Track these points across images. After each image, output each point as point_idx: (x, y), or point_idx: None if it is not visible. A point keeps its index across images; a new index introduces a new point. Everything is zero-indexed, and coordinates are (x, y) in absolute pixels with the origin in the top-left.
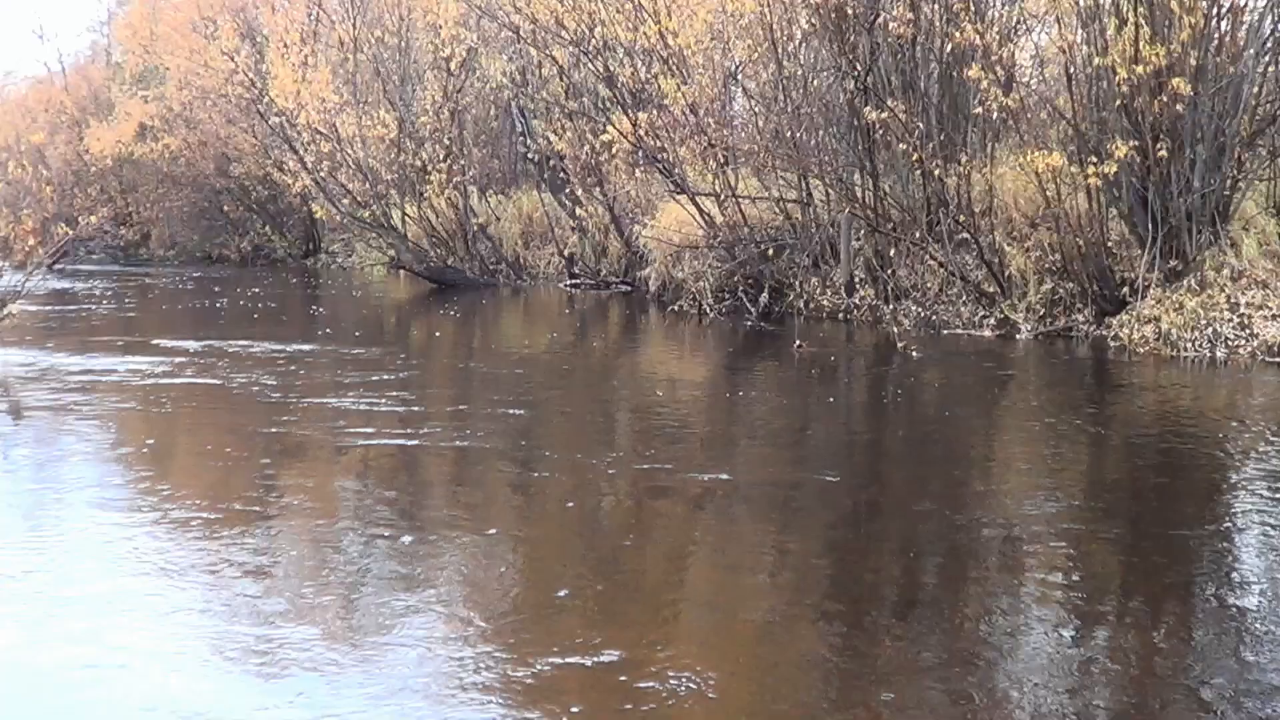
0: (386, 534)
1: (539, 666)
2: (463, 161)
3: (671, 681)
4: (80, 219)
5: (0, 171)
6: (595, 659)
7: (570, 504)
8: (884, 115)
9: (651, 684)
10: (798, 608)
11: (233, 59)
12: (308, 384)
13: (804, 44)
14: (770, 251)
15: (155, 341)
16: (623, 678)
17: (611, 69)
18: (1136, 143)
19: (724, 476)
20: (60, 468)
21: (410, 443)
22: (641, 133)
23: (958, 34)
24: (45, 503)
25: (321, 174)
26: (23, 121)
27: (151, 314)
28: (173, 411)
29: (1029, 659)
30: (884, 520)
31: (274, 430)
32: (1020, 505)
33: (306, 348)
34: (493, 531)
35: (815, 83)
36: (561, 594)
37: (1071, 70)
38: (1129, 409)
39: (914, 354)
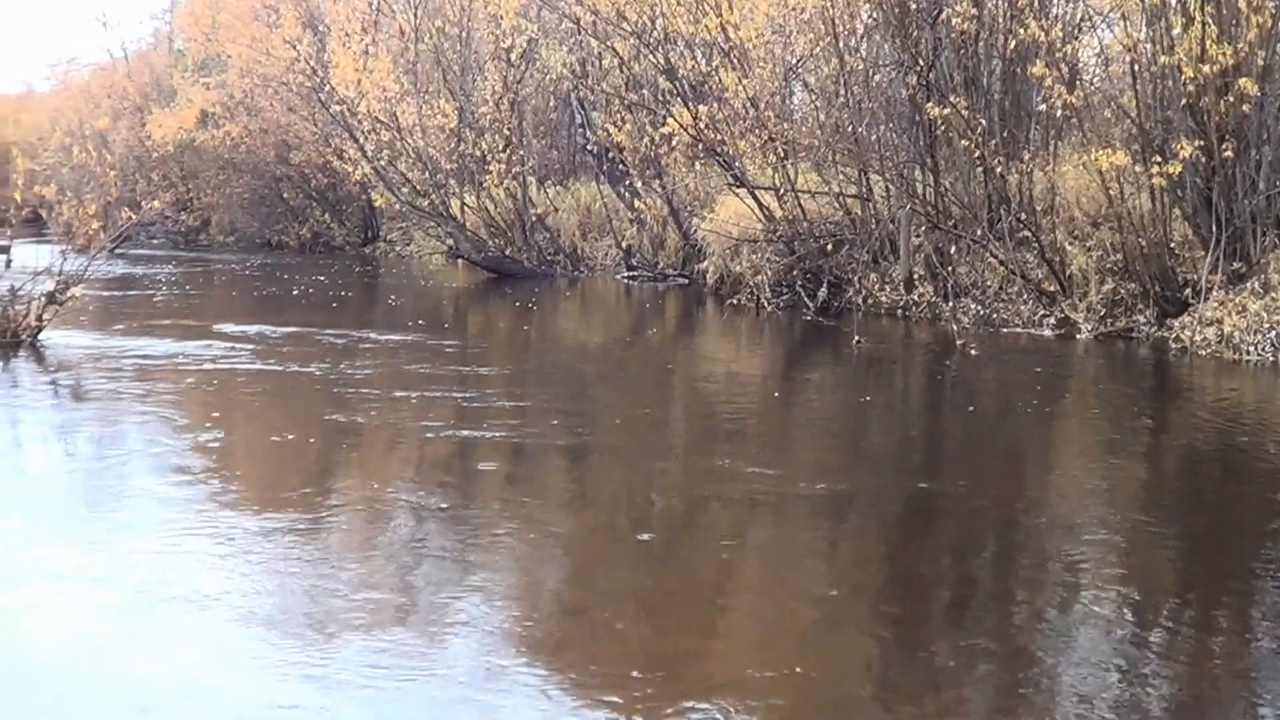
0: (443, 527)
1: (587, 663)
2: (522, 152)
3: (721, 679)
4: (143, 204)
5: (65, 156)
6: (643, 655)
7: (624, 500)
8: (946, 111)
9: (700, 682)
10: (852, 606)
11: (294, 47)
12: (373, 371)
13: (865, 38)
14: (829, 246)
15: (223, 327)
16: (672, 676)
17: (672, 61)
18: (1201, 143)
19: (780, 473)
20: (122, 452)
21: (467, 433)
22: (701, 125)
23: (1021, 30)
24: (106, 489)
25: (381, 162)
26: (86, 107)
27: (221, 299)
28: (239, 397)
29: (1084, 663)
30: (940, 520)
31: (336, 418)
32: (1077, 509)
33: (377, 336)
34: (546, 526)
35: (876, 78)
36: (611, 590)
37: (1136, 68)
38: (1189, 412)
39: (973, 352)
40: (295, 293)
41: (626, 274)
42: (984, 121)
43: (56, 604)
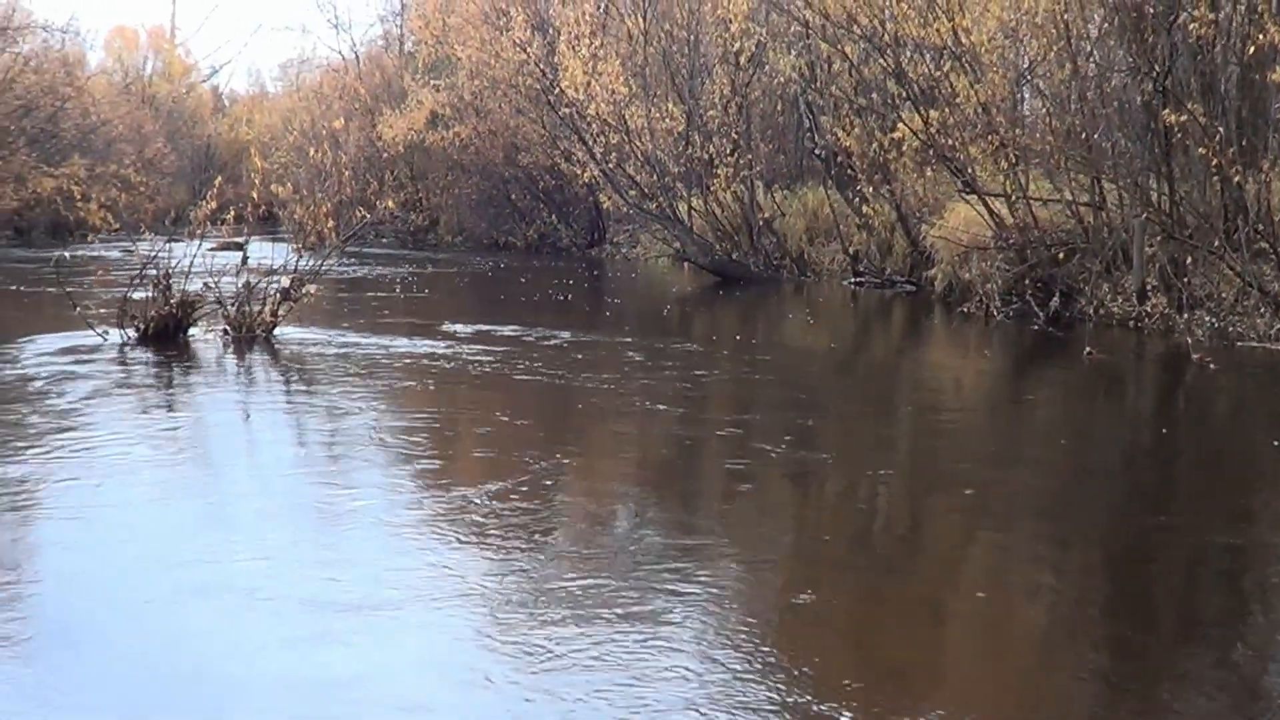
0: (666, 534)
1: (806, 671)
2: (749, 156)
3: (942, 688)
4: (377, 203)
5: (298, 156)
6: (862, 663)
7: (844, 507)
8: (1182, 118)
9: (920, 692)
10: (1072, 624)
11: (524, 50)
12: (607, 375)
13: (1099, 43)
14: (1061, 255)
15: (454, 327)
16: (893, 685)
17: (902, 65)
18: None
19: (1005, 486)
20: (349, 445)
21: (690, 437)
22: (932, 130)
23: (1260, 35)
24: (332, 481)
25: (609, 165)
26: (318, 108)
27: (451, 299)
28: (470, 396)
29: None
30: (1167, 553)
31: (559, 419)
32: None
33: (608, 339)
34: (770, 532)
35: (1111, 83)
36: (830, 596)
37: None
38: None
39: (1211, 366)
40: (526, 295)
41: (853, 280)
42: (1221, 129)
43: (280, 595)
